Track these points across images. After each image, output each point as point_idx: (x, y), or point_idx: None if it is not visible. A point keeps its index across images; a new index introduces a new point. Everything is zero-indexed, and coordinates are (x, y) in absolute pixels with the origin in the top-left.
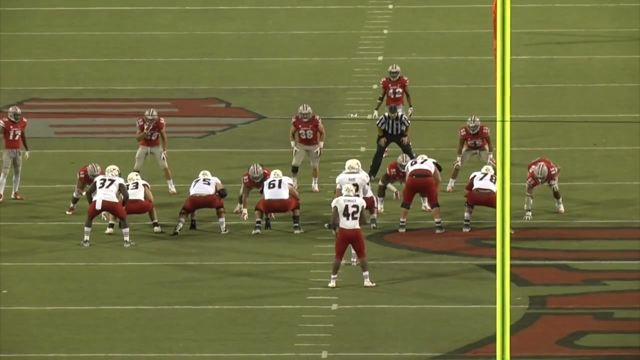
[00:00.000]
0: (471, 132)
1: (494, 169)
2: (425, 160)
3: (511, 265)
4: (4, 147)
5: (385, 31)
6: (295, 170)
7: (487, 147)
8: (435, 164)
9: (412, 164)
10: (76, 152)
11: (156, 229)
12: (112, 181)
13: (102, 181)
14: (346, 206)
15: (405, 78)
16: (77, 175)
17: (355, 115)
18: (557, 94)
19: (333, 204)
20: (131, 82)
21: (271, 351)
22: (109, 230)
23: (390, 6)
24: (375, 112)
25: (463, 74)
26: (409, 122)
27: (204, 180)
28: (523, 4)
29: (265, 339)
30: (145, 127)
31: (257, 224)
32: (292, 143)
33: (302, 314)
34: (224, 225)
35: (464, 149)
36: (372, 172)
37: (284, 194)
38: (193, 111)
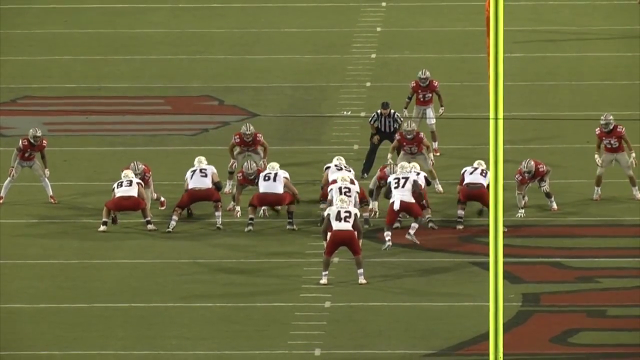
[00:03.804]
0: (604, 129)
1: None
2: (418, 175)
3: (504, 263)
4: (17, 158)
5: (378, 29)
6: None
7: (625, 148)
8: (426, 178)
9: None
10: (69, 150)
11: (149, 226)
12: (130, 181)
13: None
14: (338, 212)
15: (436, 83)
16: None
17: (349, 113)
18: (549, 92)
19: (326, 212)
20: (124, 80)
21: (264, 349)
22: (102, 228)
23: (384, 4)
24: (405, 111)
25: (456, 71)
26: (402, 119)
27: (200, 170)
28: (516, 1)
29: (258, 336)
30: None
31: (250, 221)
32: (389, 156)
33: (295, 312)
34: (220, 220)
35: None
36: (365, 169)
37: (278, 187)
38: (186, 109)
